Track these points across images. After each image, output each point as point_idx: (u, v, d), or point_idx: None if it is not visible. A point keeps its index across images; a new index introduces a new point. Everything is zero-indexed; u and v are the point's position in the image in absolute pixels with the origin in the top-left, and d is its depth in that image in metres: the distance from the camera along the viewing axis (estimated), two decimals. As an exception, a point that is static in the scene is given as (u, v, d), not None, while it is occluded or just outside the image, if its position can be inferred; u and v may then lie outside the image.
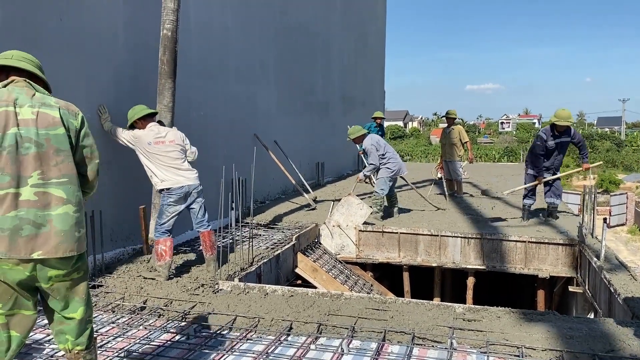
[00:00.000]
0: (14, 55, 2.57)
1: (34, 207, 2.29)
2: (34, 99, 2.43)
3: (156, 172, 5.15)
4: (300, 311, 4.31)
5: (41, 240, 2.28)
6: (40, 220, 2.29)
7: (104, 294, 4.69)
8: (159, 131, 5.21)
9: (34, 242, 2.27)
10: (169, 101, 5.70)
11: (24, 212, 2.27)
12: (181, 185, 5.14)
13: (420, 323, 4.05)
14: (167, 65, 5.65)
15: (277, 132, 10.15)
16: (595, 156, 47.92)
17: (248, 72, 9.07)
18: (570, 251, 6.89)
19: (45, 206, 2.32)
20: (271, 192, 10.19)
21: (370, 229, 7.66)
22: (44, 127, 2.38)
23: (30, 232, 2.27)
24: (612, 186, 33.50)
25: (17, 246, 2.24)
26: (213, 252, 5.34)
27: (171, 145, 5.19)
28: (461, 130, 10.26)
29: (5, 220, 2.24)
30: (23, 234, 2.25)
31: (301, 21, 11.67)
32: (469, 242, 7.26)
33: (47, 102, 2.46)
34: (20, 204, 2.27)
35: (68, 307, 2.46)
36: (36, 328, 3.97)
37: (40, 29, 4.66)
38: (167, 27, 5.63)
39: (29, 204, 2.28)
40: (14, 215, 2.25)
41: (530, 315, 4.27)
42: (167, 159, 5.14)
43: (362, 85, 17.43)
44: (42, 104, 2.43)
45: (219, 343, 3.75)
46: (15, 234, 2.24)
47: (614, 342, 3.69)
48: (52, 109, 2.44)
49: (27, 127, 2.35)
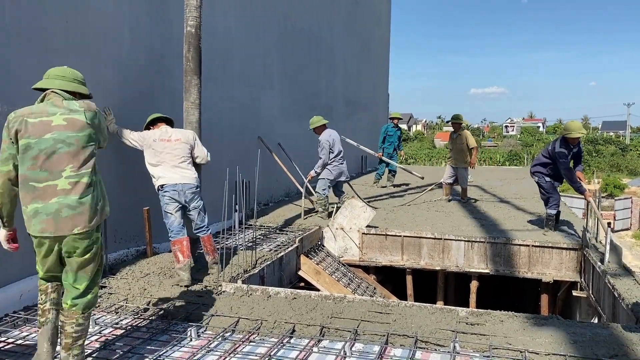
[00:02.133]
0: (50, 75, 3.18)
1: (69, 194, 2.93)
2: (63, 107, 3.03)
3: (154, 172, 5.21)
4: (303, 314, 4.31)
5: (77, 219, 2.94)
6: (74, 204, 2.93)
7: (107, 295, 4.69)
8: (166, 130, 5.30)
9: (72, 221, 2.92)
10: (195, 98, 5.77)
11: (61, 199, 2.90)
12: (175, 182, 5.16)
13: (423, 326, 4.04)
14: (192, 62, 5.73)
15: (281, 135, 10.16)
16: (599, 160, 47.78)
17: (252, 75, 9.10)
18: (574, 255, 6.88)
19: (77, 192, 2.95)
20: (275, 195, 10.19)
21: (373, 232, 7.66)
22: (73, 131, 2.99)
23: (65, 213, 2.91)
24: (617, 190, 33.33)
25: (63, 225, 2.90)
26: (215, 255, 5.36)
27: (177, 143, 5.24)
28: (468, 136, 9.96)
29: (49, 206, 2.89)
30: (62, 215, 2.91)
31: (305, 26, 11.69)
32: (473, 246, 7.25)
33: (73, 107, 3.05)
34: (58, 193, 2.91)
35: (76, 280, 3.07)
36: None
37: (47, 30, 4.68)
38: (190, 24, 5.69)
39: (64, 192, 2.92)
40: (55, 201, 2.89)
41: (533, 319, 4.26)
42: (169, 156, 5.18)
43: (366, 89, 17.45)
44: (70, 110, 3.03)
45: (221, 345, 3.75)
46: (56, 217, 2.89)
47: (618, 347, 3.68)
48: (78, 114, 3.04)
49: (60, 131, 2.96)
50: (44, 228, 2.89)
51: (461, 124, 10.13)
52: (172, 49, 6.56)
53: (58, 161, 2.93)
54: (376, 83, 19.16)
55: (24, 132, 2.94)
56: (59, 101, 3.04)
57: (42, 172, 2.91)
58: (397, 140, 12.20)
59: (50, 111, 2.99)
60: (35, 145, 2.92)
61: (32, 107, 3.04)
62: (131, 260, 5.75)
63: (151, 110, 5.77)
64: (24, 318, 4.15)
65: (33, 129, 2.94)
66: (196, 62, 5.78)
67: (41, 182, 2.90)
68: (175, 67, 6.61)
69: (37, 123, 2.95)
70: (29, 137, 2.93)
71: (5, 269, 4.37)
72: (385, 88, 20.84)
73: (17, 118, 2.97)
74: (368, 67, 17.60)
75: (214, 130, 7.51)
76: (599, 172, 42.94)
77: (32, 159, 2.91)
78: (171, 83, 6.52)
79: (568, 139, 6.99)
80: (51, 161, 2.92)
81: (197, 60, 5.79)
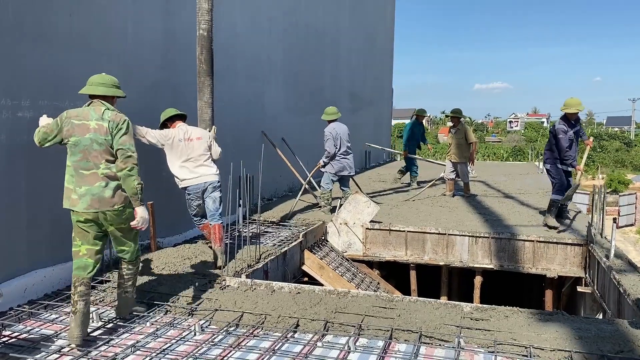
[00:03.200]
0: (93, 82, 3.88)
1: (105, 180, 3.74)
2: (99, 115, 3.78)
3: (179, 173, 5.49)
4: (307, 308, 4.30)
5: (112, 199, 3.76)
6: (109, 188, 3.74)
7: (111, 290, 4.70)
8: (187, 130, 5.53)
9: (110, 200, 3.75)
10: (208, 97, 6.02)
11: (102, 184, 3.73)
12: (197, 183, 5.50)
13: (428, 322, 4.03)
14: (205, 64, 5.98)
15: (285, 130, 10.14)
16: (604, 156, 47.59)
17: (256, 70, 9.07)
18: (579, 251, 6.85)
19: (110, 178, 3.76)
20: (278, 190, 10.19)
21: (377, 227, 7.65)
22: (102, 134, 3.75)
23: (107, 194, 3.74)
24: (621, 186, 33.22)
25: (102, 203, 3.72)
26: (221, 244, 5.44)
27: (198, 142, 5.52)
28: (467, 131, 9.89)
29: (95, 189, 3.71)
30: (104, 195, 3.73)
31: (310, 20, 11.64)
32: (477, 241, 7.23)
33: (105, 117, 3.79)
34: (99, 179, 3.73)
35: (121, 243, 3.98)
36: (43, 324, 4.00)
37: (50, 25, 4.67)
38: (202, 27, 5.94)
39: (103, 179, 3.74)
40: (98, 185, 3.71)
41: (538, 315, 4.24)
42: (194, 155, 5.49)
43: (371, 84, 17.40)
44: (102, 118, 3.77)
45: (225, 339, 3.75)
46: (100, 197, 3.72)
47: (624, 343, 3.66)
48: (105, 122, 3.77)
49: (95, 133, 3.74)
50: (90, 205, 3.70)
51: (460, 119, 10.02)
52: (176, 44, 6.55)
53: (96, 155, 3.73)
54: (381, 78, 19.10)
55: (72, 131, 3.72)
56: (99, 109, 3.81)
57: (87, 163, 3.73)
58: (421, 137, 11.82)
59: (90, 116, 3.76)
60: (80, 142, 3.71)
61: (78, 109, 3.82)
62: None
63: (155, 105, 5.77)
64: (29, 312, 4.16)
65: (78, 129, 3.72)
66: (209, 64, 6.02)
67: (88, 170, 3.72)
68: (178, 62, 6.60)
69: (80, 125, 3.73)
70: (76, 135, 3.72)
71: (10, 263, 4.39)
72: (389, 83, 20.78)
73: (67, 119, 3.75)
74: (373, 62, 17.55)
75: (218, 125, 7.47)
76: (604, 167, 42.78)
77: (80, 153, 3.72)
78: (175, 78, 6.51)
79: (567, 114, 7.28)
80: (92, 155, 3.73)
81: (209, 62, 6.02)
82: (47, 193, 4.71)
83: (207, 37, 5.96)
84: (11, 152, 4.35)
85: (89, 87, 3.85)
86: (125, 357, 3.43)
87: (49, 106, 4.66)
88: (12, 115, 4.33)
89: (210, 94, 6.07)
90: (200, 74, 6.04)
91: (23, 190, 4.49)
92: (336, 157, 8.11)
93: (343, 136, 8.14)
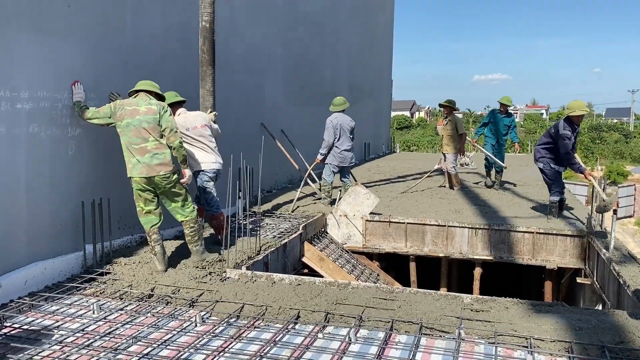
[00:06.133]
0: (140, 84, 5.02)
1: (153, 152, 4.80)
2: (146, 101, 4.91)
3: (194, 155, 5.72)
4: (308, 300, 4.31)
5: (159, 167, 4.79)
6: (156, 157, 4.80)
7: (112, 281, 4.71)
8: (190, 118, 5.79)
9: (157, 168, 4.79)
10: (210, 86, 6.37)
11: (151, 154, 4.78)
12: (213, 167, 5.83)
13: (428, 313, 4.04)
14: (207, 54, 6.28)
15: (284, 121, 10.12)
16: (603, 148, 47.59)
17: (255, 62, 9.03)
18: (578, 242, 6.86)
19: (157, 148, 4.83)
20: (278, 182, 10.18)
21: (377, 219, 7.65)
22: (151, 115, 4.85)
23: (156, 162, 4.79)
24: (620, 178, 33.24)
25: (151, 170, 4.77)
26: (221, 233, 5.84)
27: (203, 129, 5.82)
28: (457, 122, 9.80)
29: (145, 159, 4.76)
30: (153, 164, 4.77)
31: (309, 11, 11.58)
32: (477, 233, 7.23)
33: (152, 102, 4.93)
34: (148, 151, 4.78)
35: (172, 203, 5.04)
36: (44, 315, 4.01)
37: (49, 16, 4.64)
38: (205, 19, 6.21)
39: (152, 150, 4.80)
40: (147, 157, 4.77)
41: (538, 306, 4.25)
42: (202, 138, 5.78)
43: (370, 75, 17.33)
44: (149, 104, 4.91)
45: (226, 331, 3.76)
46: (149, 165, 4.77)
47: (624, 334, 3.67)
48: (153, 105, 4.90)
49: (144, 115, 4.83)
50: (142, 172, 4.74)
51: (453, 109, 9.87)
52: (175, 34, 6.51)
53: (145, 132, 4.79)
54: (380, 69, 19.04)
55: (124, 114, 4.80)
56: (145, 98, 4.92)
57: (137, 139, 4.78)
58: (506, 129, 10.14)
59: (138, 103, 4.88)
60: (131, 123, 4.78)
61: (128, 99, 4.94)
62: (135, 246, 5.75)
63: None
64: (29, 304, 4.16)
65: (129, 113, 4.80)
66: (211, 54, 6.30)
67: (138, 144, 4.77)
68: (177, 53, 6.57)
69: (131, 110, 4.83)
70: (127, 118, 4.79)
71: (10, 255, 4.38)
72: (389, 74, 20.72)
73: (120, 106, 4.84)
74: (372, 53, 17.48)
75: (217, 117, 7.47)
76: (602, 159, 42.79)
77: (131, 131, 4.78)
78: (174, 68, 6.48)
79: (572, 117, 7.05)
80: (141, 132, 4.78)
81: (211, 53, 6.30)
82: (47, 185, 4.70)
83: (209, 28, 6.22)
84: (10, 144, 4.33)
85: (137, 85, 5.01)
86: (127, 347, 3.43)
87: (47, 98, 4.64)
88: (11, 107, 4.30)
89: (212, 83, 6.37)
90: (203, 63, 6.29)
91: (22, 182, 4.47)
92: (336, 148, 8.08)
93: (344, 127, 8.10)
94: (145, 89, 4.97)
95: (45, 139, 4.65)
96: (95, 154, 5.24)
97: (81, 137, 5.05)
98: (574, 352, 3.40)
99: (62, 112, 4.82)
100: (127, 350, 3.40)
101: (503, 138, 10.11)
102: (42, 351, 3.36)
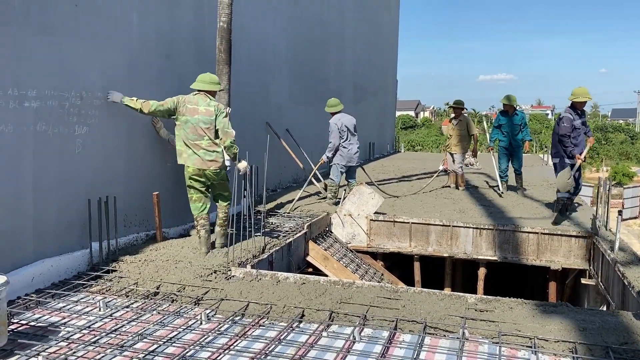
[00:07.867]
0: (199, 80, 5.57)
1: (206, 149, 5.38)
2: (205, 102, 5.44)
3: None
4: (312, 299, 4.33)
5: (210, 162, 5.38)
6: (209, 154, 5.38)
7: (117, 279, 4.73)
8: None
9: (209, 164, 5.38)
10: (225, 84, 6.58)
11: (205, 151, 5.36)
12: None
13: (432, 313, 4.05)
14: (224, 54, 6.55)
15: (289, 121, 10.12)
16: (609, 148, 47.35)
17: (261, 61, 9.04)
18: (583, 243, 6.85)
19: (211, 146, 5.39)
20: (283, 181, 10.19)
21: (381, 219, 7.66)
22: (208, 116, 5.39)
23: (208, 158, 5.37)
24: (625, 179, 33.09)
25: (204, 164, 5.37)
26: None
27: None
28: (469, 122, 9.75)
29: (199, 153, 5.34)
30: (205, 159, 5.36)
31: (315, 10, 11.58)
32: (481, 233, 7.23)
33: (210, 104, 5.45)
34: (202, 148, 5.36)
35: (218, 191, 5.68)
36: (51, 312, 4.04)
37: (56, 15, 4.67)
38: (222, 20, 6.47)
39: (206, 148, 5.37)
40: (201, 152, 5.35)
41: (543, 306, 4.26)
42: None
43: (375, 75, 17.33)
44: (208, 104, 5.44)
45: (231, 329, 3.78)
46: (202, 159, 5.35)
47: (628, 334, 3.67)
48: (211, 107, 5.44)
49: (202, 115, 5.38)
50: (195, 163, 5.34)
51: (462, 110, 9.89)
52: (181, 33, 6.53)
53: (201, 131, 5.35)
54: (385, 69, 19.02)
55: (184, 111, 5.38)
56: (205, 98, 5.46)
57: (194, 135, 5.34)
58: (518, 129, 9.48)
59: (199, 102, 5.41)
60: (190, 120, 5.35)
61: (189, 96, 5.48)
62: (141, 244, 5.78)
63: (160, 95, 5.74)
64: (36, 300, 4.19)
65: (189, 111, 5.37)
66: (227, 53, 6.56)
67: (194, 140, 5.34)
68: (183, 51, 6.59)
69: (191, 108, 5.38)
70: (186, 115, 5.36)
71: (18, 252, 4.42)
72: (393, 74, 20.70)
73: (183, 102, 5.41)
74: (377, 52, 17.47)
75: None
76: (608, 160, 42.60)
77: (189, 128, 5.34)
78: (180, 67, 6.49)
79: (575, 103, 7.34)
80: (197, 130, 5.34)
81: (228, 52, 6.56)
82: (54, 182, 4.73)
83: (226, 29, 6.49)
84: (18, 142, 4.36)
85: (198, 83, 5.51)
86: (133, 345, 3.46)
87: (54, 96, 4.66)
88: (19, 105, 4.34)
89: (228, 81, 6.63)
90: (219, 62, 6.57)
91: (30, 179, 4.50)
92: (344, 148, 8.10)
93: (349, 126, 8.13)
94: (206, 89, 5.48)
95: (52, 137, 4.68)
96: (101, 152, 5.27)
97: (88, 136, 5.07)
98: (578, 353, 3.41)
99: (69, 111, 4.84)
100: (133, 347, 3.43)
101: (516, 139, 9.48)
102: (49, 347, 3.39)
